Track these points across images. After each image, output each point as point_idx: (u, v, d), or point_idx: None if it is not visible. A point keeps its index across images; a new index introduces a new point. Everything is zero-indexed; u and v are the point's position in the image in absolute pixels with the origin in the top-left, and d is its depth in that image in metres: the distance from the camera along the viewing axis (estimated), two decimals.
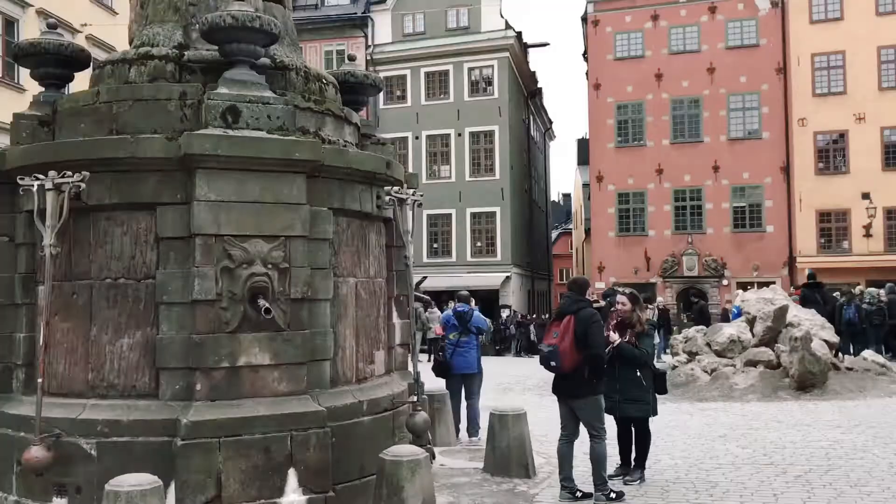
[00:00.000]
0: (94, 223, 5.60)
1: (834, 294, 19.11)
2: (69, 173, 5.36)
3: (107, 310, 5.53)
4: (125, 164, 5.48)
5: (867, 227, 28.59)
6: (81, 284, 5.59)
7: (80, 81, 7.25)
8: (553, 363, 6.40)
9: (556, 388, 6.70)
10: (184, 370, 5.37)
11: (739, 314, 19.84)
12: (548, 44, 40.91)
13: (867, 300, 18.88)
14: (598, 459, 6.50)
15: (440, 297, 25.90)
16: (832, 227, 29.85)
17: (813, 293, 17.33)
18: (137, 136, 5.55)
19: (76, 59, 6.71)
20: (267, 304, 5.32)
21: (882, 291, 19.91)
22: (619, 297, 7.51)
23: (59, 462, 5.16)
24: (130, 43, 6.73)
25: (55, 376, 5.59)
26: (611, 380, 6.86)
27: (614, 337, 7.07)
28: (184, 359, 5.36)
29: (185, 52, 6.25)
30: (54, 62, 6.60)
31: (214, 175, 5.42)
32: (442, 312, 16.54)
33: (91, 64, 6.95)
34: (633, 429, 7.33)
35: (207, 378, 5.33)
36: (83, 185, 5.37)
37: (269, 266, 5.45)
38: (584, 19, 33.66)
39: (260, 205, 5.51)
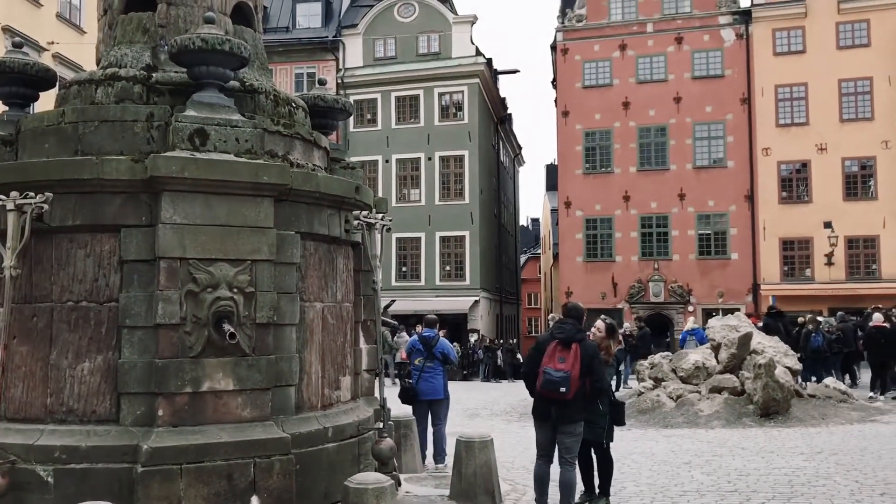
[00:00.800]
0: (57, 245, 5.51)
1: (795, 321, 19.40)
2: (32, 194, 5.27)
3: (68, 333, 5.43)
4: (90, 185, 5.41)
5: (829, 256, 29.11)
6: (42, 307, 5.49)
7: (46, 100, 7.18)
8: (563, 389, 6.37)
9: (545, 414, 6.60)
10: (146, 395, 5.28)
11: (685, 340, 20.13)
12: (518, 71, 41.44)
13: (826, 328, 19.26)
14: (568, 486, 6.51)
15: (408, 321, 25.83)
16: (795, 256, 30.36)
17: (775, 322, 17.59)
18: (103, 158, 5.49)
19: (42, 79, 6.64)
20: (232, 329, 5.27)
21: (833, 320, 20.38)
22: (598, 323, 7.45)
23: (13, 490, 5.03)
24: (98, 63, 6.68)
25: (12, 401, 5.47)
26: None
27: None
28: (146, 383, 5.28)
29: (154, 74, 6.21)
30: (19, 82, 6.53)
31: (181, 198, 5.38)
32: (410, 336, 16.45)
33: (57, 83, 6.87)
34: (593, 454, 7.31)
35: (170, 403, 5.25)
36: (46, 207, 5.29)
37: (235, 290, 5.40)
38: (554, 47, 34.08)
39: (226, 228, 5.47)
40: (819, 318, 20.68)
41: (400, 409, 9.13)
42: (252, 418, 5.45)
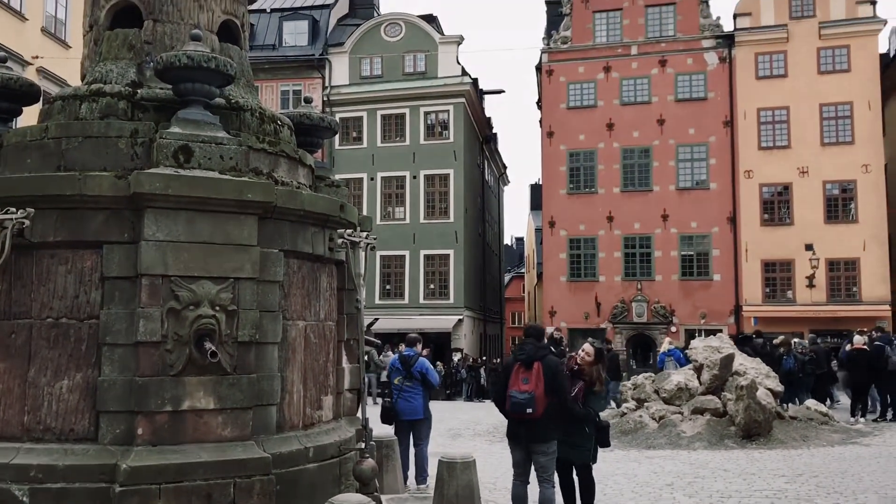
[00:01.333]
0: (38, 261, 5.46)
1: (766, 344, 19.51)
2: (13, 209, 5.23)
3: (47, 350, 5.37)
4: (72, 201, 5.37)
5: (810, 278, 29.34)
6: (21, 324, 5.43)
7: (29, 115, 7.14)
8: (530, 410, 6.42)
9: (516, 435, 6.69)
10: (125, 413, 5.22)
11: (663, 361, 20.23)
12: (503, 91, 41.58)
13: (799, 350, 19.44)
14: None
15: (391, 340, 25.75)
16: (777, 277, 30.58)
17: (742, 346, 17.66)
18: (86, 174, 5.45)
19: (26, 94, 6.60)
20: (213, 348, 5.23)
21: (806, 342, 20.60)
22: (586, 347, 7.36)
23: None
24: (83, 79, 6.66)
25: None
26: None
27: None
28: (125, 402, 5.22)
29: (139, 90, 6.19)
30: (2, 96, 6.49)
31: (164, 214, 5.35)
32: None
33: (41, 98, 6.84)
34: (575, 476, 7.31)
35: (149, 422, 5.19)
36: (27, 222, 5.25)
37: (217, 308, 5.37)
38: (539, 69, 34.34)
39: (209, 245, 5.44)
40: (795, 340, 20.90)
41: (382, 429, 9.09)
42: (232, 438, 5.40)
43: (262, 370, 5.67)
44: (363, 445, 6.54)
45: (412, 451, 9.39)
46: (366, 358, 8.68)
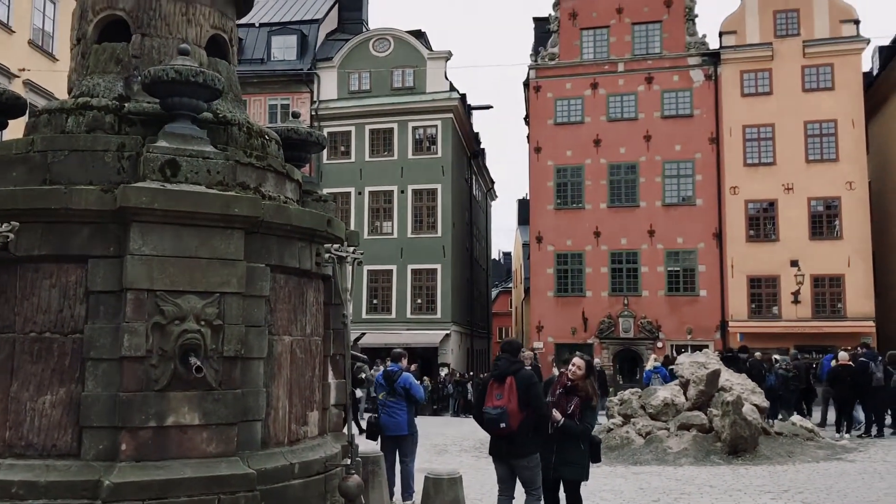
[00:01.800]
0: (22, 275, 5.41)
1: (749, 360, 19.63)
2: None
3: (30, 365, 5.32)
4: (57, 215, 5.34)
5: (795, 294, 29.52)
6: (4, 338, 5.38)
7: (15, 127, 7.10)
8: (503, 424, 6.47)
9: (497, 450, 6.73)
10: (109, 429, 5.18)
11: (649, 378, 20.30)
12: (491, 106, 41.84)
13: (783, 367, 19.55)
14: None
15: (378, 354, 25.67)
16: (762, 293, 30.74)
17: (729, 364, 17.69)
18: (72, 187, 5.42)
19: (12, 107, 6.57)
20: (198, 363, 5.20)
21: (787, 358, 20.77)
22: (576, 360, 7.25)
23: None
24: (69, 92, 6.64)
25: None
26: (548, 442, 6.85)
27: (557, 416, 6.84)
28: (109, 417, 5.18)
29: (126, 104, 6.18)
30: None
31: (150, 229, 5.33)
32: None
33: (28, 111, 6.81)
34: (562, 492, 7.27)
35: (133, 438, 5.15)
36: (11, 236, 5.22)
37: (203, 323, 5.34)
38: (527, 85, 34.53)
39: (196, 260, 5.42)
40: (776, 356, 21.07)
41: (368, 445, 9.05)
42: (217, 453, 5.36)
43: (247, 385, 5.64)
44: (349, 461, 6.50)
45: (398, 467, 9.34)
46: (362, 375, 8.65)
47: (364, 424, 9.62)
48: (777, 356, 21.57)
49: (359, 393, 19.35)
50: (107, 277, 5.32)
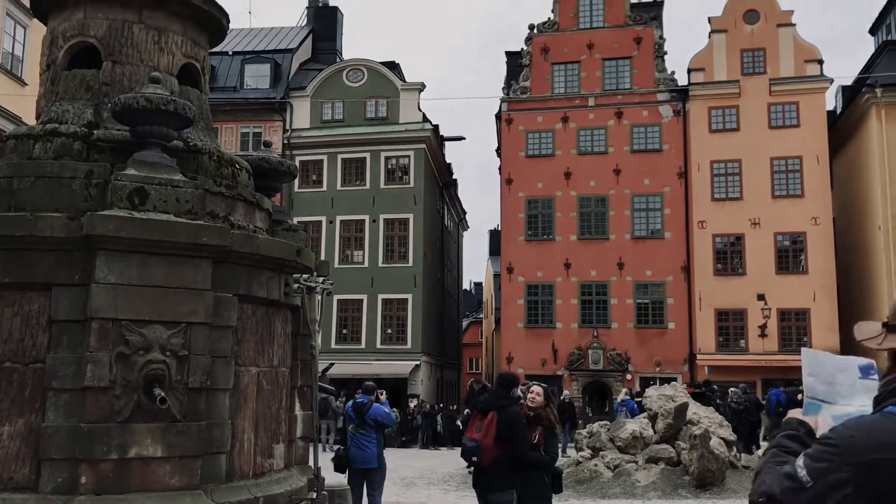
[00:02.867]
0: None
1: (707, 393, 19.88)
2: None
3: None
4: (22, 242, 5.27)
5: (762, 328, 29.82)
6: None
7: None
8: (475, 458, 6.52)
9: (475, 483, 6.83)
10: (68, 461, 5.07)
11: (618, 410, 20.40)
12: (463, 138, 42.11)
13: (734, 400, 19.82)
14: None
15: (347, 385, 25.45)
16: (730, 326, 31.03)
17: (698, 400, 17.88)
18: (37, 214, 5.36)
19: None
20: (162, 394, 5.12)
21: (738, 391, 21.13)
22: (534, 388, 7.18)
23: None
24: (38, 118, 6.58)
25: None
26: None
27: None
28: (69, 449, 5.07)
29: (95, 131, 6.13)
30: None
31: (116, 257, 5.27)
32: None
33: None
34: None
35: (94, 470, 5.04)
36: None
37: (168, 353, 5.27)
38: (499, 117, 34.82)
39: (162, 289, 5.36)
40: (731, 389, 21.42)
41: (335, 478, 8.94)
42: (180, 486, 5.26)
43: (212, 417, 5.56)
44: (315, 495, 6.42)
45: (365, 500, 9.23)
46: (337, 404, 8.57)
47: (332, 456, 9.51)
48: (732, 389, 21.94)
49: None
50: (71, 306, 5.25)
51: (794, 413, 2.10)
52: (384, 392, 10.07)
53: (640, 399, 17.85)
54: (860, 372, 2.07)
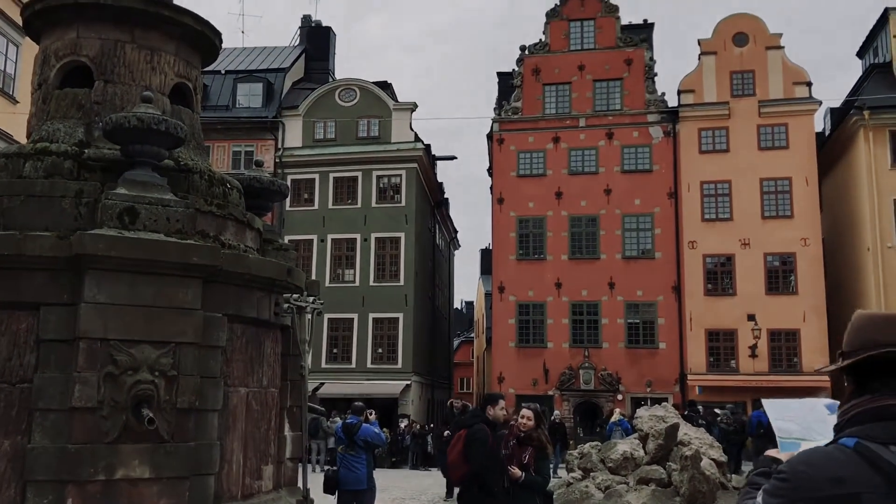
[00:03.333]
0: None
1: (691, 414, 19.98)
2: None
3: None
4: (10, 261, 5.23)
5: (753, 348, 29.88)
6: None
7: None
8: (447, 475, 6.71)
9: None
10: (54, 483, 5.01)
11: (612, 431, 20.42)
12: (455, 157, 42.37)
13: (724, 421, 19.86)
14: None
15: (337, 405, 25.33)
16: (720, 347, 31.07)
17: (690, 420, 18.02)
18: (26, 233, 5.34)
19: None
20: (150, 414, 5.08)
21: (727, 412, 21.23)
22: (524, 412, 7.21)
23: None
24: (28, 137, 6.58)
25: None
26: (502, 496, 6.82)
27: (516, 473, 6.77)
28: (56, 470, 5.01)
29: (86, 150, 6.12)
30: None
31: (106, 276, 5.24)
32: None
33: None
34: None
35: (80, 492, 4.98)
36: None
37: (157, 373, 5.23)
38: (490, 137, 34.97)
39: (151, 309, 5.33)
40: (716, 410, 21.49)
41: (325, 500, 8.88)
42: None
43: (201, 438, 5.51)
44: None
45: None
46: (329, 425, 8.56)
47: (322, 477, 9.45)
48: (717, 410, 22.01)
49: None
50: (60, 326, 5.21)
51: (771, 452, 2.10)
52: (373, 412, 10.04)
53: (634, 420, 17.90)
54: (828, 410, 2.09)
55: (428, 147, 36.32)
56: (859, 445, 1.77)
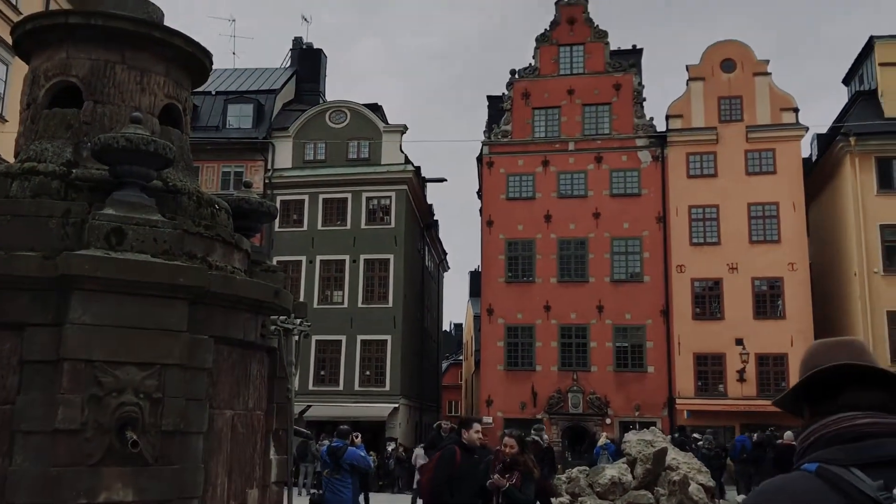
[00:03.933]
0: None
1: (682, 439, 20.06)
2: None
3: None
4: None
5: (741, 372, 29.91)
6: None
7: None
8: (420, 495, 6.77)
9: None
10: None
11: (598, 454, 20.40)
12: (445, 179, 42.49)
13: (706, 446, 19.94)
14: None
15: (324, 428, 25.16)
16: (709, 371, 31.10)
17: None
18: (12, 253, 5.30)
19: None
20: (134, 437, 5.02)
21: (709, 437, 21.41)
22: (506, 440, 7.31)
23: None
24: (16, 156, 6.55)
25: None
26: None
27: (501, 481, 6.85)
28: (38, 494, 4.94)
29: (74, 170, 6.10)
30: None
31: (92, 297, 5.21)
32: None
33: None
34: None
35: None
36: None
37: (142, 395, 5.19)
38: (480, 160, 35.10)
39: (137, 330, 5.30)
40: (696, 435, 21.66)
41: None
42: None
43: (185, 461, 5.46)
44: None
45: None
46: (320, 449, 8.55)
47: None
48: (696, 434, 22.13)
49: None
50: (44, 346, 5.16)
51: None
52: (359, 435, 9.98)
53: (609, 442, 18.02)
54: None
55: (418, 169, 36.42)
56: (821, 469, 1.76)
